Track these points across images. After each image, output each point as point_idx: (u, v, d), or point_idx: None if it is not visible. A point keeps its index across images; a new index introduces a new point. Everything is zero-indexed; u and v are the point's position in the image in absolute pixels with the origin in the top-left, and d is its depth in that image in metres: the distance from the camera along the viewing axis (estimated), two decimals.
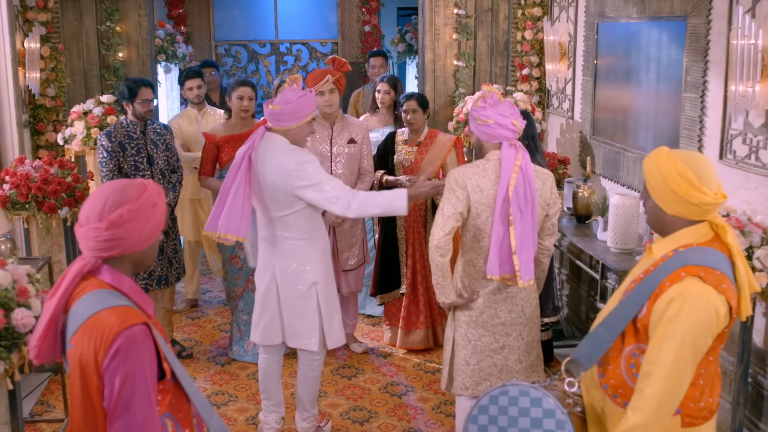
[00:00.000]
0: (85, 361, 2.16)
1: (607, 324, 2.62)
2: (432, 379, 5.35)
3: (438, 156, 5.51)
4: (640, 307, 2.53)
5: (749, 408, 3.98)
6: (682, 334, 2.40)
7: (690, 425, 2.54)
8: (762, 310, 3.84)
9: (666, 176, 2.52)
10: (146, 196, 2.26)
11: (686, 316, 2.40)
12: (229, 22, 10.71)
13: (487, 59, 7.32)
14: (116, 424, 2.13)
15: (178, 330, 6.28)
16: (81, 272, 2.24)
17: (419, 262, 5.65)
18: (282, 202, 4.04)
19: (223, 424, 2.44)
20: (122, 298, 2.25)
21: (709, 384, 2.56)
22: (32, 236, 5.43)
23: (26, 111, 6.48)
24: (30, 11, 6.47)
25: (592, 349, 2.64)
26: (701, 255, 2.49)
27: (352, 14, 10.56)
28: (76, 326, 2.19)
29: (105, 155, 5.25)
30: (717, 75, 4.24)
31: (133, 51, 7.28)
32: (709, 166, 2.57)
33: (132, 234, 2.23)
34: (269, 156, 4.03)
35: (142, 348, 2.16)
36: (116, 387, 2.12)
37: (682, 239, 2.56)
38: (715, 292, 2.42)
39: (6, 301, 2.87)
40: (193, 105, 6.59)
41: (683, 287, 2.43)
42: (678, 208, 2.53)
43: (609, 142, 5.63)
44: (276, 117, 4.03)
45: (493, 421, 2.72)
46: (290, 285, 4.16)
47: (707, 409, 2.55)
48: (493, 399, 2.74)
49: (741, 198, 4.08)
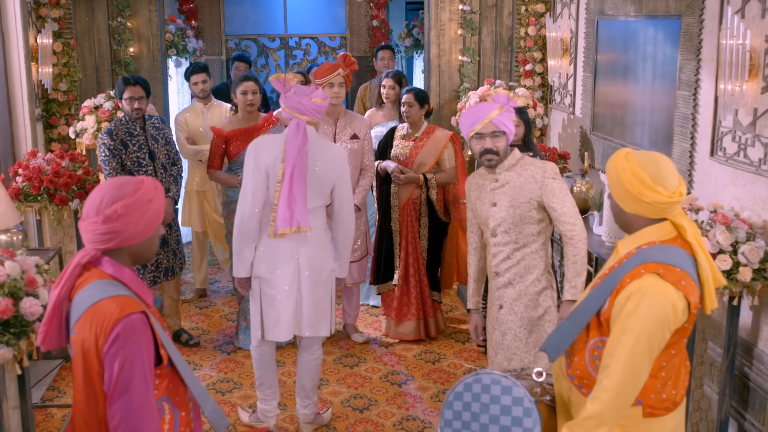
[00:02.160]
0: (86, 346, 2.30)
1: (573, 317, 2.73)
2: (432, 368, 5.48)
3: (433, 151, 5.64)
4: (603, 302, 2.63)
5: (736, 399, 4.08)
6: (640, 328, 2.50)
7: (651, 415, 2.63)
8: (749, 303, 3.94)
9: (621, 176, 2.62)
10: (142, 192, 2.40)
11: (644, 311, 2.50)
12: (239, 16, 10.85)
13: (492, 55, 7.42)
14: (115, 405, 2.28)
15: (186, 319, 6.44)
16: (80, 263, 2.39)
17: (412, 255, 5.78)
18: (324, 192, 4.25)
19: (217, 408, 2.59)
20: (122, 288, 2.39)
21: (673, 376, 2.65)
22: (44, 227, 5.60)
23: (39, 105, 6.65)
24: (43, 7, 6.63)
25: (559, 340, 2.75)
26: (663, 252, 2.58)
27: (360, 9, 10.66)
28: (78, 314, 2.34)
29: (107, 153, 5.34)
30: (709, 73, 4.34)
31: (144, 46, 7.43)
32: (666, 166, 2.65)
33: (127, 228, 2.37)
34: (321, 147, 4.24)
35: (139, 335, 2.31)
36: (115, 371, 2.27)
37: (646, 237, 2.65)
38: (673, 288, 2.51)
39: (15, 291, 3.02)
40: (199, 99, 6.73)
41: (642, 283, 2.53)
42: (635, 207, 2.63)
43: (608, 138, 5.73)
44: (320, 110, 4.23)
45: (467, 407, 2.84)
46: (317, 273, 4.28)
47: (669, 401, 2.65)
48: (467, 386, 2.86)
49: (730, 194, 4.18)
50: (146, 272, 5.60)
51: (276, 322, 4.30)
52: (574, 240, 3.79)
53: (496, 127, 3.80)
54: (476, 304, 4.19)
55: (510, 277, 3.95)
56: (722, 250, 3.73)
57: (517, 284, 3.94)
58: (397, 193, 5.71)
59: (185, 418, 2.50)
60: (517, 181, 3.87)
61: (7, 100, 6.13)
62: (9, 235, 4.47)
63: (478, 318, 4.19)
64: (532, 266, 3.93)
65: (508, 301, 3.97)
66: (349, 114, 5.54)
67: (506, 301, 3.98)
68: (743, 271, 3.68)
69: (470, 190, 4.07)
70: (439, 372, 5.43)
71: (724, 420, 3.98)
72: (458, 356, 5.67)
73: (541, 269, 3.94)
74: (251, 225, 4.20)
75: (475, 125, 3.82)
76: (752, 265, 3.69)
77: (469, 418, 2.84)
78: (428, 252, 5.84)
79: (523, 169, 3.88)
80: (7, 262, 3.12)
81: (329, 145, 4.35)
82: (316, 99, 4.19)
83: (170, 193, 5.56)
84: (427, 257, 5.85)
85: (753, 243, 3.72)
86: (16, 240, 4.46)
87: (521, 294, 3.94)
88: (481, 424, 2.81)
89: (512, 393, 2.78)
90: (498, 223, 3.91)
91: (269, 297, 4.29)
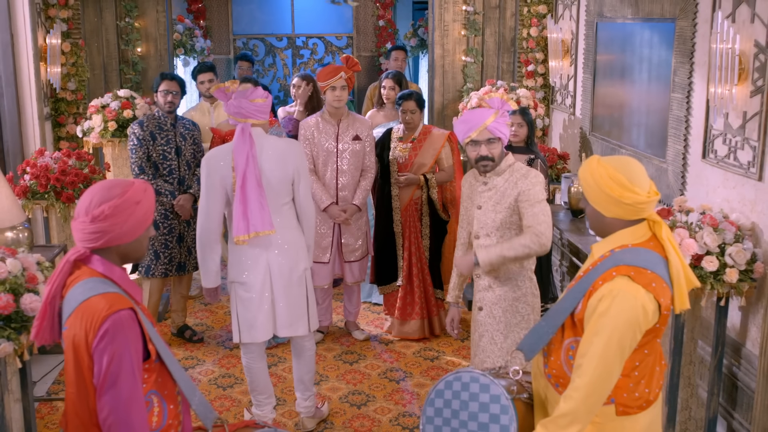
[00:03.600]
0: (77, 341, 2.41)
1: (548, 317, 2.82)
2: (430, 365, 5.56)
3: (432, 151, 5.72)
4: (576, 303, 2.71)
5: (725, 398, 4.14)
6: (611, 329, 2.57)
7: (624, 414, 2.71)
8: (739, 304, 4.00)
9: (599, 182, 2.68)
10: (130, 194, 2.50)
11: (614, 312, 2.57)
12: (247, 16, 10.97)
13: (495, 55, 7.49)
14: (104, 398, 2.39)
15: (191, 315, 6.54)
16: (70, 260, 2.50)
17: (415, 255, 5.86)
18: (285, 190, 4.29)
19: (204, 401, 2.69)
20: (112, 286, 2.50)
21: (646, 375, 2.72)
22: (51, 224, 5.70)
23: (48, 104, 6.77)
24: (51, 8, 6.76)
25: (535, 340, 2.83)
26: (635, 255, 2.66)
27: (366, 9, 10.75)
28: (70, 310, 2.45)
29: (135, 142, 5.57)
30: (701, 77, 4.40)
31: (152, 46, 7.55)
32: (639, 168, 2.72)
33: (114, 228, 2.47)
34: (271, 145, 4.26)
35: (127, 331, 2.41)
36: (104, 365, 2.37)
37: (619, 240, 2.73)
38: (644, 290, 2.58)
39: (16, 287, 3.13)
40: (206, 98, 6.84)
41: (613, 285, 2.60)
42: (615, 210, 2.70)
43: (606, 139, 5.79)
44: (263, 109, 4.25)
45: (448, 404, 2.92)
46: (286, 274, 4.35)
47: (642, 399, 2.72)
48: (448, 384, 2.94)
49: (721, 196, 4.24)
50: (158, 264, 5.73)
51: (252, 324, 4.36)
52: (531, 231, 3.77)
53: (491, 134, 3.84)
54: (455, 298, 4.29)
55: (490, 281, 4.01)
56: (709, 252, 3.80)
57: (497, 288, 4.00)
58: (399, 195, 5.79)
59: (173, 410, 2.60)
60: (502, 186, 3.92)
61: (17, 100, 6.25)
62: (15, 233, 4.57)
63: (455, 311, 4.29)
64: (513, 272, 3.98)
65: (487, 304, 4.03)
66: (351, 115, 5.62)
67: (486, 303, 4.04)
68: (729, 272, 3.74)
69: (464, 187, 4.16)
70: (437, 369, 5.51)
71: (713, 418, 4.05)
72: (456, 354, 5.75)
73: (521, 275, 3.99)
74: (210, 237, 4.29)
75: (471, 132, 3.86)
76: (738, 266, 3.75)
77: (450, 415, 2.92)
78: (430, 251, 5.92)
79: (510, 175, 3.92)
80: (8, 259, 3.23)
81: (279, 142, 4.32)
82: (257, 99, 4.21)
83: (191, 190, 5.73)
84: (429, 256, 5.93)
85: (740, 245, 3.78)
86: (22, 237, 4.56)
87: (500, 298, 4.00)
88: (461, 420, 2.89)
89: (490, 391, 2.86)
90: (481, 226, 3.98)
91: (244, 300, 4.35)
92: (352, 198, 5.59)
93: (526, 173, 3.90)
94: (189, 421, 2.73)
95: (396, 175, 5.75)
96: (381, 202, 5.90)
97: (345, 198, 5.57)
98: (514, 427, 2.82)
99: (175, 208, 5.65)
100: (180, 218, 5.73)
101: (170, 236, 5.74)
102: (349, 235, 5.69)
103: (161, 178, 5.64)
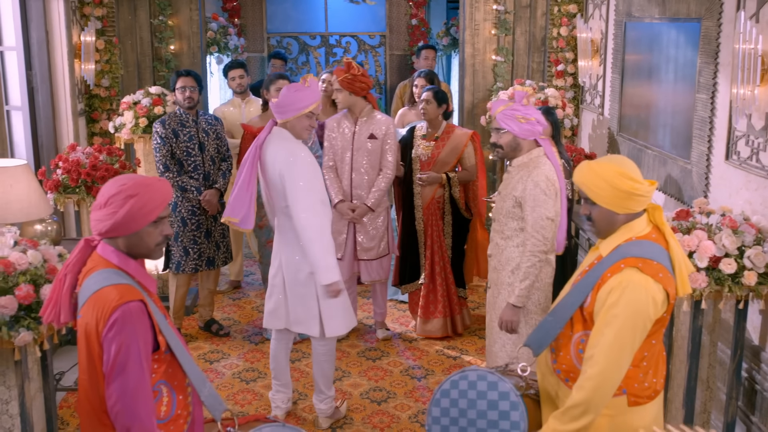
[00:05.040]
0: (89, 330, 2.50)
1: (555, 313, 2.84)
2: (452, 364, 5.58)
3: (455, 150, 5.74)
4: (585, 297, 2.75)
5: (744, 402, 4.10)
6: (622, 319, 2.62)
7: (635, 404, 2.75)
8: (760, 307, 3.95)
9: (611, 180, 2.74)
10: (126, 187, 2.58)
11: (625, 303, 2.62)
12: (281, 14, 11.07)
13: (525, 54, 7.47)
14: (112, 386, 2.47)
15: (219, 309, 6.63)
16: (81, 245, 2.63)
17: (437, 254, 5.88)
18: (281, 193, 4.33)
19: (214, 393, 2.74)
20: (125, 278, 2.58)
21: (654, 365, 2.77)
22: (82, 218, 5.82)
23: (82, 100, 6.91)
24: (86, 6, 6.90)
25: (542, 336, 2.86)
26: (640, 247, 2.72)
27: (400, 7, 10.77)
28: (84, 299, 2.54)
29: (158, 141, 5.67)
30: (726, 77, 4.35)
31: (185, 43, 7.65)
32: (632, 162, 2.84)
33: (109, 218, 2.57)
34: (271, 146, 4.34)
35: (136, 321, 2.49)
36: (112, 354, 2.46)
37: (624, 235, 2.79)
38: (653, 281, 2.65)
39: (36, 278, 3.22)
40: (237, 94, 6.94)
41: (622, 277, 2.66)
42: (628, 204, 2.76)
43: (633, 139, 5.75)
44: (276, 109, 4.34)
45: (454, 403, 2.94)
46: (293, 273, 4.47)
47: (651, 389, 2.76)
48: (454, 383, 2.96)
49: (743, 198, 4.19)
50: (188, 260, 5.82)
51: (271, 310, 4.63)
52: (525, 249, 4.06)
53: (498, 123, 4.06)
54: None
55: (495, 263, 4.27)
56: (728, 254, 3.76)
57: (500, 271, 4.24)
58: (421, 193, 5.81)
59: (183, 401, 2.67)
60: (514, 177, 4.12)
61: (51, 96, 6.40)
62: (44, 225, 4.69)
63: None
64: (511, 259, 4.18)
65: (492, 284, 4.33)
66: (372, 114, 5.62)
67: (492, 284, 4.34)
68: (748, 275, 3.70)
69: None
70: (459, 368, 5.48)
71: (731, 422, 4.00)
72: (479, 353, 5.75)
73: (517, 264, 4.14)
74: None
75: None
76: (758, 269, 3.70)
77: (457, 414, 2.94)
78: (452, 249, 5.94)
79: (523, 169, 4.09)
80: (29, 251, 3.32)
81: (287, 144, 4.34)
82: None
83: (217, 185, 5.81)
84: (451, 255, 5.94)
85: (759, 247, 3.73)
86: (50, 230, 4.67)
87: (500, 282, 4.25)
88: (469, 419, 2.91)
89: (498, 388, 2.88)
90: (497, 210, 4.22)
91: (270, 287, 4.61)
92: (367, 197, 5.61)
93: (531, 172, 4.03)
94: (200, 412, 2.79)
95: (418, 173, 5.77)
96: (404, 201, 5.92)
97: (359, 196, 5.59)
98: (525, 423, 2.84)
99: (202, 203, 5.73)
100: (207, 213, 5.81)
101: (198, 232, 5.82)
102: (364, 233, 5.70)
103: (186, 175, 5.72)
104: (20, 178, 4.09)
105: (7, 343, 3.19)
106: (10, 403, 3.37)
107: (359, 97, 5.49)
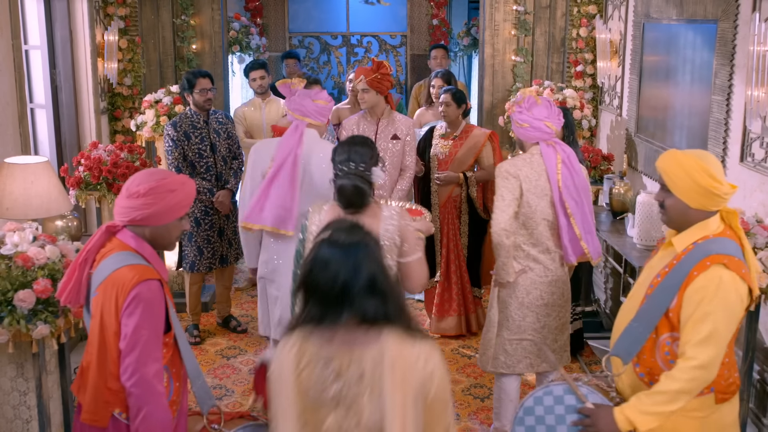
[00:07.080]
0: (107, 307, 2.59)
1: (640, 318, 2.82)
2: (467, 362, 5.60)
3: (472, 149, 5.75)
4: (671, 299, 2.74)
5: (755, 403, 4.10)
6: (716, 316, 2.63)
7: (723, 400, 2.77)
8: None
9: (691, 172, 2.72)
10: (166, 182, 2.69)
11: (718, 300, 2.63)
12: (303, 14, 11.14)
13: (545, 55, 7.47)
14: (127, 359, 2.56)
15: (237, 306, 6.69)
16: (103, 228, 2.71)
17: (453, 252, 5.90)
18: (324, 196, 4.23)
19: (206, 387, 2.86)
20: (142, 260, 2.68)
21: (732, 361, 2.80)
22: (103, 214, 5.90)
23: (104, 99, 7.01)
24: (110, 6, 7.00)
25: (630, 343, 2.83)
26: (720, 245, 2.72)
27: (421, 8, 10.80)
28: (101, 278, 2.63)
29: (170, 144, 5.68)
30: (741, 79, 4.34)
31: (206, 43, 7.73)
32: (718, 161, 2.82)
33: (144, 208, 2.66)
34: (321, 150, 4.24)
35: (154, 300, 2.60)
36: (130, 328, 2.55)
37: (699, 232, 2.78)
38: (739, 277, 2.66)
39: (53, 273, 3.30)
40: (258, 94, 7.00)
41: (712, 274, 2.66)
42: (702, 201, 2.75)
43: (650, 140, 5.75)
44: (323, 112, 4.34)
45: (540, 420, 2.84)
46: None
47: (734, 384, 2.80)
48: (538, 400, 2.86)
49: (757, 200, 4.19)
50: (202, 259, 5.87)
51: (279, 322, 4.36)
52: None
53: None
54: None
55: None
56: None
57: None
58: (437, 192, 5.84)
59: (178, 389, 2.78)
60: None
61: (74, 94, 6.49)
62: (65, 221, 4.78)
63: None
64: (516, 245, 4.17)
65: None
66: (392, 114, 5.65)
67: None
68: (760, 276, 3.70)
69: None
70: (473, 367, 5.54)
71: (743, 424, 4.00)
72: None
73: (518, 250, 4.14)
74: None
75: None
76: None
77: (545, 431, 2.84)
78: (468, 249, 5.96)
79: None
80: (48, 246, 3.40)
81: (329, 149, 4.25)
82: (320, 101, 4.28)
83: (229, 185, 5.83)
84: (467, 254, 5.96)
85: None
86: (71, 225, 4.77)
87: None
88: None
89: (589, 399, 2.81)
90: None
91: (273, 297, 4.39)
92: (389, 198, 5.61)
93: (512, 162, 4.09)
94: (186, 404, 2.91)
95: (436, 172, 5.80)
96: (422, 200, 5.96)
97: (380, 197, 5.61)
98: None
99: (215, 204, 5.78)
100: (220, 213, 5.86)
101: (211, 231, 5.87)
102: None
103: (199, 176, 5.75)
104: (41, 175, 4.16)
105: (26, 336, 3.27)
106: (28, 394, 3.45)
107: (382, 97, 5.53)
